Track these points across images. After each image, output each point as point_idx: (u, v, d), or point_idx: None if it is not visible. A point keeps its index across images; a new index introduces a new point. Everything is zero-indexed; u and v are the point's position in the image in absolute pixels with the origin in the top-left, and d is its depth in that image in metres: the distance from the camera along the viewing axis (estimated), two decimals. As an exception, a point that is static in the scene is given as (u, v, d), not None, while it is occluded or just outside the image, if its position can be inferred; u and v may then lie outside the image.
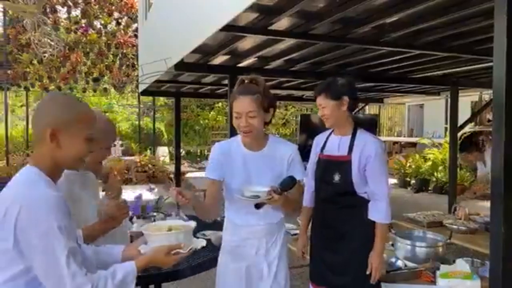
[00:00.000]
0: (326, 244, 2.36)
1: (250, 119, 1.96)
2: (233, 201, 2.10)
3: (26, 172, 1.39)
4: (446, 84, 6.72)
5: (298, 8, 3.06)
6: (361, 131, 2.33)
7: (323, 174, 2.36)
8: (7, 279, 1.31)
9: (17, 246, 1.29)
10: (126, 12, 11.95)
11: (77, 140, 1.43)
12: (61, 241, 1.29)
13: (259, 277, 2.14)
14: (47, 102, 1.46)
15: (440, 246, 3.41)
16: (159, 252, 1.53)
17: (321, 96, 2.26)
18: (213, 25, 3.41)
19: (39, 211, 1.28)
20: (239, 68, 5.36)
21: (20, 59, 10.78)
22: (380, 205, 2.24)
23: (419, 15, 3.27)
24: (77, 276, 1.30)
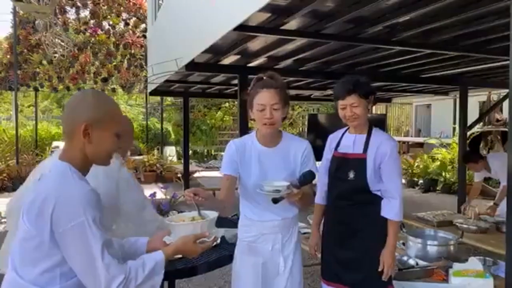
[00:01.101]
0: (338, 241, 2.37)
1: (274, 111, 2.02)
2: (249, 197, 2.14)
3: (58, 167, 1.42)
4: (456, 84, 6.69)
5: (311, 8, 3.08)
6: (376, 129, 2.35)
7: (337, 171, 2.36)
8: (44, 271, 1.36)
9: (53, 239, 1.33)
10: (134, 12, 12.03)
11: (107, 136, 1.47)
12: (96, 233, 1.33)
13: (275, 272, 2.17)
14: (79, 99, 1.49)
15: (452, 245, 3.41)
16: (186, 241, 1.56)
17: (353, 95, 2.20)
18: (226, 25, 3.43)
19: (74, 204, 1.33)
20: (249, 68, 5.40)
21: (31, 60, 10.88)
22: (393, 203, 2.25)
23: (431, 14, 3.27)
24: (111, 267, 1.33)
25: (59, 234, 1.33)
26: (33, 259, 1.36)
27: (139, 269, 1.40)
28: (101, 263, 1.32)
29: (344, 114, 2.27)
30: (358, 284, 2.30)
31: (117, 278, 1.33)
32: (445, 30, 3.72)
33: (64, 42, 6.59)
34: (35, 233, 1.35)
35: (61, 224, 1.32)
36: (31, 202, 1.37)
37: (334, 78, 6.08)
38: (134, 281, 1.37)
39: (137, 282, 1.38)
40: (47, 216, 1.32)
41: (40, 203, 1.34)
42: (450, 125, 12.32)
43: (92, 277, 1.33)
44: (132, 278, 1.37)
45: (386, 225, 2.27)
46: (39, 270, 1.36)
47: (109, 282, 1.32)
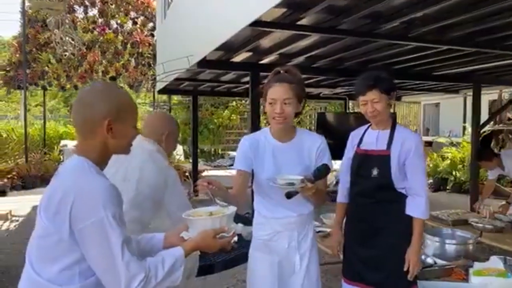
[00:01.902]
0: (360, 239, 2.33)
1: (284, 106, 1.97)
2: (263, 193, 2.10)
3: (76, 162, 1.39)
4: (468, 82, 6.62)
5: (327, 4, 3.04)
6: (399, 125, 2.30)
7: (360, 168, 2.32)
8: (63, 268, 1.32)
9: (72, 235, 1.30)
10: (142, 11, 12.05)
11: (128, 127, 1.45)
12: (116, 230, 1.29)
13: (292, 271, 2.13)
14: (94, 93, 1.44)
15: (470, 244, 3.38)
16: (206, 236, 1.51)
17: (374, 91, 2.17)
18: (241, 21, 3.40)
19: (94, 200, 1.29)
20: (261, 65, 5.37)
21: (39, 58, 10.92)
22: (418, 200, 2.21)
23: (448, 9, 3.22)
24: (131, 265, 1.29)
25: (78, 231, 1.29)
26: (51, 257, 1.33)
27: (159, 266, 1.36)
28: (121, 261, 1.28)
29: (365, 110, 2.24)
30: (382, 283, 2.26)
31: (138, 276, 1.29)
32: (461, 26, 3.67)
33: (74, 41, 6.58)
34: (53, 230, 1.31)
35: (80, 220, 1.28)
36: (48, 199, 1.34)
37: (346, 76, 6.04)
38: (154, 279, 1.33)
39: (157, 280, 1.34)
40: (66, 213, 1.28)
41: (58, 199, 1.30)
42: (460, 124, 12.22)
43: (111, 275, 1.30)
44: (152, 275, 1.33)
45: (411, 223, 2.23)
46: (58, 268, 1.32)
47: (129, 281, 1.28)
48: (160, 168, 2.18)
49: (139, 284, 1.29)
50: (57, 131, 14.66)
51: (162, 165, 2.20)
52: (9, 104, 23.36)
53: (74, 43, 6.33)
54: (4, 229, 6.61)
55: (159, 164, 2.19)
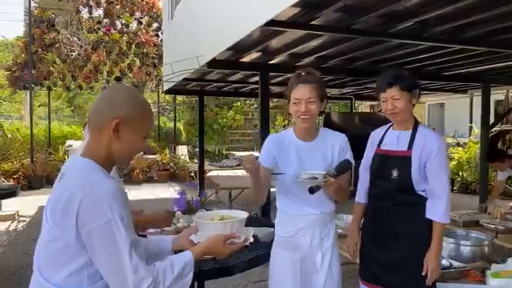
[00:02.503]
0: (379, 243, 2.29)
1: (309, 104, 2.05)
2: (287, 191, 2.16)
3: (82, 164, 1.35)
4: (478, 81, 6.59)
5: (343, 4, 3.03)
6: (422, 126, 2.25)
7: (379, 169, 2.27)
8: (71, 273, 1.29)
9: (79, 239, 1.27)
10: (147, 11, 12.05)
11: (136, 136, 1.40)
12: (123, 232, 1.26)
13: (314, 268, 2.16)
14: (115, 93, 1.43)
15: (486, 245, 3.35)
16: (216, 241, 1.48)
17: (394, 88, 2.14)
18: (254, 21, 3.38)
19: (101, 202, 1.25)
20: (270, 65, 5.36)
21: (45, 58, 10.93)
22: (438, 204, 2.14)
23: (464, 9, 3.20)
24: (139, 269, 1.26)
25: (85, 234, 1.26)
26: (59, 262, 1.30)
27: (167, 271, 1.32)
28: (129, 264, 1.24)
29: (385, 107, 2.20)
30: (400, 286, 2.23)
31: (146, 281, 1.26)
32: (475, 25, 3.65)
33: (80, 41, 6.58)
34: (60, 234, 1.28)
35: (87, 223, 1.25)
36: (55, 202, 1.30)
37: (355, 75, 6.02)
38: (162, 283, 1.29)
39: (165, 284, 1.30)
40: (73, 216, 1.25)
41: (64, 202, 1.26)
42: (465, 124, 12.19)
43: (119, 279, 1.26)
44: (160, 280, 1.29)
45: (431, 227, 2.17)
46: (66, 273, 1.29)
47: (137, 285, 1.25)
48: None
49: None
50: (62, 131, 14.68)
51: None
52: (12, 104, 23.41)
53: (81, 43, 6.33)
54: (12, 230, 6.61)
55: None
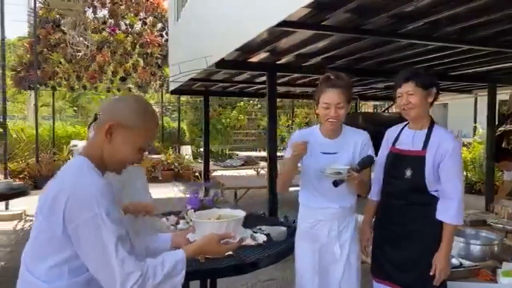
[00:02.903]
0: (391, 241, 2.31)
1: (338, 109, 2.16)
2: (310, 185, 2.29)
3: (75, 161, 1.40)
4: (484, 82, 6.61)
5: (355, 4, 3.05)
6: (437, 126, 2.25)
7: (393, 168, 2.28)
8: (53, 266, 1.31)
9: (65, 233, 1.28)
10: (152, 12, 12.10)
11: (129, 145, 1.41)
12: (109, 227, 1.26)
13: (332, 259, 2.29)
14: (123, 99, 1.47)
15: (496, 245, 3.36)
16: (210, 241, 1.48)
17: (409, 83, 2.17)
18: (265, 21, 3.41)
19: (87, 197, 1.27)
20: (278, 65, 5.38)
21: (50, 59, 10.97)
22: (449, 205, 2.15)
23: (476, 9, 3.22)
24: (126, 263, 1.26)
25: (71, 229, 1.27)
26: (43, 253, 1.32)
27: (158, 267, 1.31)
28: (115, 258, 1.25)
29: (400, 102, 2.23)
30: (411, 284, 2.24)
31: (133, 275, 1.26)
32: (486, 25, 3.67)
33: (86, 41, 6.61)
34: (47, 227, 1.30)
35: (73, 218, 1.27)
36: (45, 197, 1.33)
37: (362, 75, 6.05)
38: (152, 279, 1.28)
39: (155, 281, 1.29)
40: (60, 210, 1.27)
41: (53, 196, 1.29)
42: (469, 124, 12.19)
43: (106, 273, 1.27)
44: (150, 276, 1.28)
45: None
46: (48, 264, 1.31)
47: (125, 279, 1.25)
48: None
49: (135, 283, 1.25)
50: (66, 131, 14.72)
51: None
52: (15, 104, 23.48)
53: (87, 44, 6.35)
54: (19, 229, 6.66)
55: None
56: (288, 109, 14.65)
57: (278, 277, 4.44)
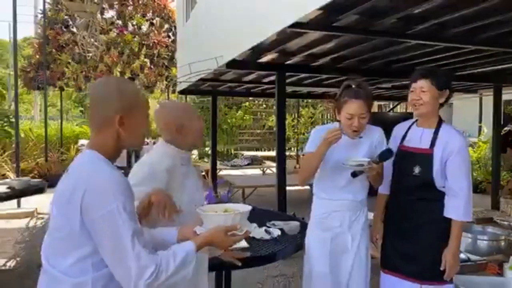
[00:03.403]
0: (401, 235, 2.36)
1: (361, 119, 2.24)
2: (327, 177, 2.40)
3: (88, 156, 1.40)
4: (490, 82, 6.67)
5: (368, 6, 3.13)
6: (445, 124, 2.30)
7: (402, 165, 2.34)
8: (75, 261, 1.32)
9: (83, 228, 1.30)
10: (159, 13, 12.21)
11: (140, 120, 1.46)
12: (126, 221, 1.29)
13: (344, 249, 2.39)
14: (105, 88, 1.45)
15: (502, 240, 3.45)
16: (218, 233, 1.51)
17: (425, 80, 2.21)
18: (278, 23, 3.51)
19: (104, 192, 1.29)
20: (288, 65, 5.47)
21: (59, 59, 11.10)
22: (456, 202, 2.20)
23: (481, 11, 3.30)
24: (142, 257, 1.28)
25: (89, 223, 1.29)
26: (64, 249, 1.33)
27: (170, 260, 1.34)
28: (131, 252, 1.27)
29: (411, 97, 2.27)
30: (419, 273, 2.29)
31: (148, 269, 1.28)
32: (492, 26, 3.75)
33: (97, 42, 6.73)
34: (66, 222, 1.31)
35: (91, 212, 1.28)
36: (60, 192, 1.35)
37: (370, 76, 6.13)
38: (165, 273, 1.32)
39: (168, 273, 1.32)
40: (77, 205, 1.28)
41: (69, 192, 1.30)
42: (474, 124, 12.20)
43: (122, 267, 1.28)
44: (163, 269, 1.31)
45: (450, 222, 2.23)
46: (70, 261, 1.32)
47: (140, 273, 1.27)
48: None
49: (150, 277, 1.28)
50: (73, 131, 14.87)
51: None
52: (21, 105, 23.68)
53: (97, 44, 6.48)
54: (32, 226, 6.78)
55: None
56: (293, 109, 14.70)
57: (287, 273, 4.53)
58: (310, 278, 2.43)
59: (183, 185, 1.96)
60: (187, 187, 1.97)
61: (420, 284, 2.27)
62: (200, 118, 2.10)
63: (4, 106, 13.37)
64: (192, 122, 1.98)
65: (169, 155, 1.95)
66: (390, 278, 2.40)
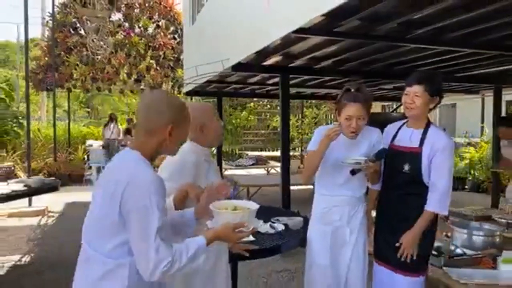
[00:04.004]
0: (390, 227, 2.51)
1: (359, 122, 2.39)
2: (328, 174, 2.55)
3: (131, 155, 1.60)
4: (490, 83, 6.79)
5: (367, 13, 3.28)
6: (433, 126, 2.45)
7: (393, 163, 2.49)
8: (116, 246, 1.53)
9: (120, 217, 1.50)
10: (164, 15, 12.39)
11: (184, 133, 1.68)
12: (155, 218, 1.48)
13: (343, 242, 2.55)
14: (162, 100, 1.64)
15: (497, 236, 3.57)
16: (226, 229, 1.68)
17: (419, 86, 2.33)
18: (283, 28, 3.66)
19: (142, 188, 1.48)
20: (291, 68, 5.62)
21: (68, 61, 11.31)
22: (432, 195, 2.37)
23: (477, 17, 3.45)
24: (161, 249, 1.47)
25: (125, 214, 1.48)
26: (106, 235, 1.53)
27: (183, 252, 1.53)
28: (153, 245, 1.46)
29: (404, 100, 2.41)
30: (400, 265, 2.42)
31: (165, 260, 1.47)
32: (486, 31, 3.89)
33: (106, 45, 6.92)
34: (108, 212, 1.50)
35: (127, 205, 1.47)
36: (105, 184, 1.55)
37: (371, 77, 6.28)
38: (178, 263, 1.50)
39: (181, 264, 1.51)
40: (118, 197, 1.47)
41: (114, 185, 1.50)
42: (476, 125, 12.29)
43: (144, 257, 1.47)
44: (177, 260, 1.50)
45: (435, 216, 2.40)
46: (112, 244, 1.52)
47: (157, 264, 1.46)
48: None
49: (165, 266, 1.47)
50: (80, 131, 15.10)
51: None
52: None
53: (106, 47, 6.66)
54: (43, 224, 6.98)
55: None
56: (297, 109, 14.83)
57: (291, 268, 4.68)
58: (311, 270, 2.60)
59: (207, 180, 2.15)
60: (210, 181, 2.14)
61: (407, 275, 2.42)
62: (219, 118, 2.28)
63: (12, 107, 13.58)
64: (213, 122, 2.18)
65: (194, 151, 2.15)
66: (382, 270, 2.55)
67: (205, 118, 2.15)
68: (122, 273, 1.53)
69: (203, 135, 2.15)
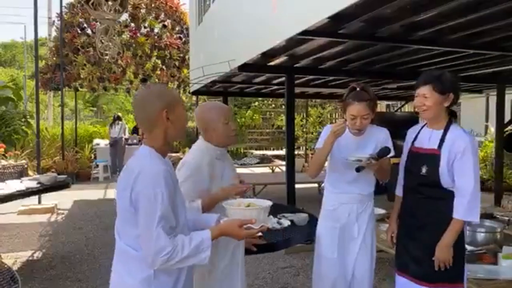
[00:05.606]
0: (408, 233, 2.42)
1: (363, 120, 2.47)
2: (336, 172, 2.63)
3: (143, 150, 1.69)
4: (493, 83, 6.85)
5: (370, 15, 3.37)
6: (454, 126, 2.32)
7: (411, 165, 2.41)
8: (136, 236, 1.61)
9: (132, 206, 1.58)
10: (170, 15, 12.50)
11: (181, 113, 1.72)
12: (159, 207, 1.54)
13: (351, 237, 2.63)
14: (147, 94, 1.69)
15: (498, 232, 3.66)
16: (232, 225, 1.72)
17: (426, 87, 2.26)
18: (288, 30, 3.76)
19: (150, 179, 1.56)
20: (296, 68, 5.72)
21: (76, 61, 11.45)
22: (460, 201, 2.21)
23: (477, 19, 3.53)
24: (161, 238, 1.53)
25: (134, 203, 1.56)
26: (128, 227, 1.62)
27: (186, 243, 1.57)
28: (154, 232, 1.52)
29: (415, 103, 2.34)
30: (422, 276, 2.32)
31: (166, 249, 1.52)
32: (486, 33, 3.98)
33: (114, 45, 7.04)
34: (125, 203, 1.58)
35: (135, 194, 1.55)
36: (123, 177, 1.64)
37: (375, 77, 6.36)
38: (180, 253, 1.55)
39: (183, 254, 1.56)
40: (130, 187, 1.56)
41: (128, 176, 1.60)
42: (482, 124, 12.32)
43: (147, 243, 1.54)
44: (179, 250, 1.55)
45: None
46: (134, 235, 1.60)
47: (158, 250, 1.52)
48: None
49: (166, 255, 1.52)
50: (87, 130, 15.24)
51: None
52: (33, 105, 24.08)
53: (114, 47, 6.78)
54: (53, 221, 7.12)
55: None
56: (302, 108, 14.90)
57: (296, 264, 4.77)
58: (319, 263, 2.69)
59: (223, 177, 2.25)
60: (226, 178, 2.27)
61: (433, 287, 2.29)
62: (231, 119, 2.28)
63: (20, 106, 13.74)
64: (219, 123, 2.21)
65: (207, 150, 2.23)
66: (401, 279, 2.45)
67: (210, 119, 2.21)
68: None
69: (210, 135, 2.22)
